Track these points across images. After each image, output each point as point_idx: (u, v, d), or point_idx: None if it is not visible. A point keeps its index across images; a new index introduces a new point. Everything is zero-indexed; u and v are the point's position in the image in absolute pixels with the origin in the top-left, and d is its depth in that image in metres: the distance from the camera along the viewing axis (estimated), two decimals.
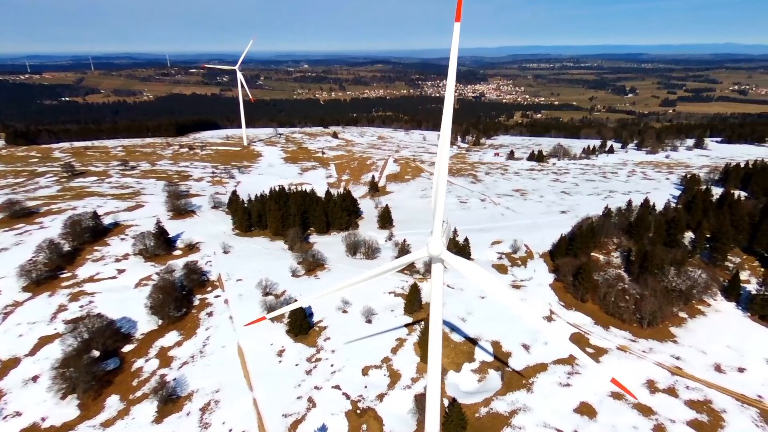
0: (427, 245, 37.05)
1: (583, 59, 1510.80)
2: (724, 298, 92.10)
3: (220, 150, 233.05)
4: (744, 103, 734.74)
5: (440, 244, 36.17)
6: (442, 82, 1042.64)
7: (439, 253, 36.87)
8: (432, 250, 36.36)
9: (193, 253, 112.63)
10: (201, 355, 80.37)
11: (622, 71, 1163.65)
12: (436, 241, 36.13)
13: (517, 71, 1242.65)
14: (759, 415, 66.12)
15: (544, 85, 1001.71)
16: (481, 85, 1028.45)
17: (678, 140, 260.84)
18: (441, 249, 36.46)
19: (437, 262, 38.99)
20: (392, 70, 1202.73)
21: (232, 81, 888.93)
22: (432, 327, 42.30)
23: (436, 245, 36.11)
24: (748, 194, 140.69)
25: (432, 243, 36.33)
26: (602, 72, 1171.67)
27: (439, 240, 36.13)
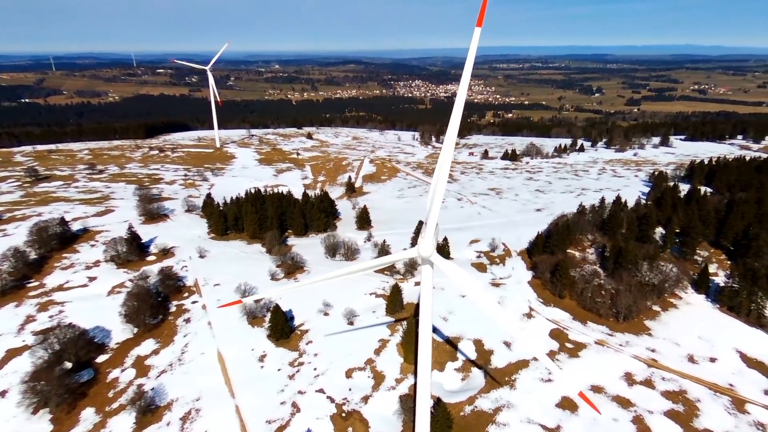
0: (418, 246, 36.94)
1: (551, 60, 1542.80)
2: (694, 291, 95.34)
3: (191, 152, 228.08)
4: (704, 102, 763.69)
5: (431, 246, 36.17)
6: (414, 82, 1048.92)
7: (430, 255, 36.85)
8: (423, 252, 36.33)
9: (167, 259, 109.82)
10: (179, 362, 78.34)
11: (589, 71, 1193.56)
12: (427, 243, 36.12)
13: (488, 71, 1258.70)
14: (731, 402, 68.61)
15: (515, 85, 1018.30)
16: (452, 85, 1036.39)
17: (645, 138, 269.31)
18: (432, 251, 36.47)
19: (426, 263, 38.92)
20: (364, 71, 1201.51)
21: (201, 81, 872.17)
22: (422, 327, 42.28)
23: (427, 247, 36.09)
24: (713, 190, 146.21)
25: (423, 244, 36.28)
26: (570, 72, 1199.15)
27: (430, 242, 36.14)
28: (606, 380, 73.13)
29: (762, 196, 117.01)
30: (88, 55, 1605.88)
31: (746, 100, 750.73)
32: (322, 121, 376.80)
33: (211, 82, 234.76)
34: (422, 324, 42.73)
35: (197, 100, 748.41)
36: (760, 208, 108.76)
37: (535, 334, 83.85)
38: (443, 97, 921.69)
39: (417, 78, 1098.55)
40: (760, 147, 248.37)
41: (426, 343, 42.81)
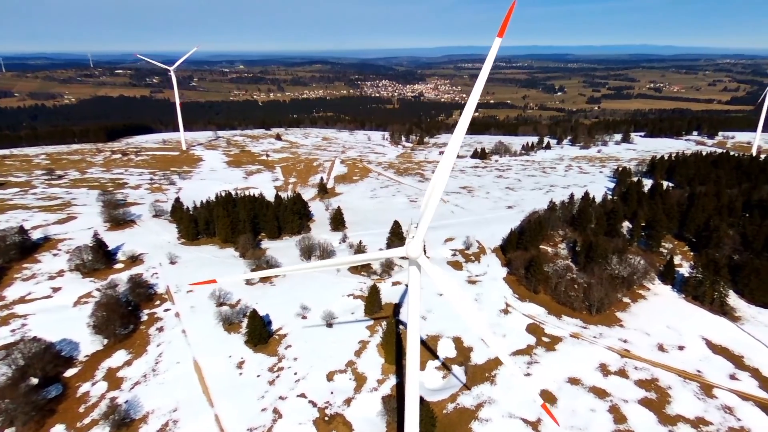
0: (406, 246, 36.91)
1: (515, 59, 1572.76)
2: (661, 282, 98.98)
3: (157, 155, 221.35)
4: (659, 99, 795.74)
5: (420, 248, 36.22)
6: (381, 82, 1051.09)
7: (418, 256, 36.89)
8: (411, 252, 36.31)
9: (136, 266, 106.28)
10: (154, 373, 75.90)
11: (551, 71, 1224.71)
12: (416, 245, 36.13)
13: (454, 71, 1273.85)
14: (700, 388, 71.54)
15: None
16: (419, 85, 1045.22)
17: (607, 135, 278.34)
18: (420, 252, 36.52)
19: (414, 264, 38.91)
20: (331, 71, 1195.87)
21: (163, 82, 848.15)
22: (410, 328, 42.25)
23: (416, 248, 36.09)
24: (673, 184, 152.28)
25: (413, 245, 36.27)
26: (533, 72, 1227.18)
27: (420, 244, 36.18)
28: (582, 372, 75.02)
29: (720, 189, 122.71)
30: (40, 56, 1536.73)
31: (698, 98, 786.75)
32: (291, 122, 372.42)
33: (174, 83, 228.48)
34: (410, 325, 42.72)
35: (159, 101, 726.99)
36: (719, 200, 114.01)
37: (513, 329, 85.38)
38: (410, 97, 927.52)
39: (384, 78, 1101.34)
40: (714, 142, 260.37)
41: (414, 343, 42.83)
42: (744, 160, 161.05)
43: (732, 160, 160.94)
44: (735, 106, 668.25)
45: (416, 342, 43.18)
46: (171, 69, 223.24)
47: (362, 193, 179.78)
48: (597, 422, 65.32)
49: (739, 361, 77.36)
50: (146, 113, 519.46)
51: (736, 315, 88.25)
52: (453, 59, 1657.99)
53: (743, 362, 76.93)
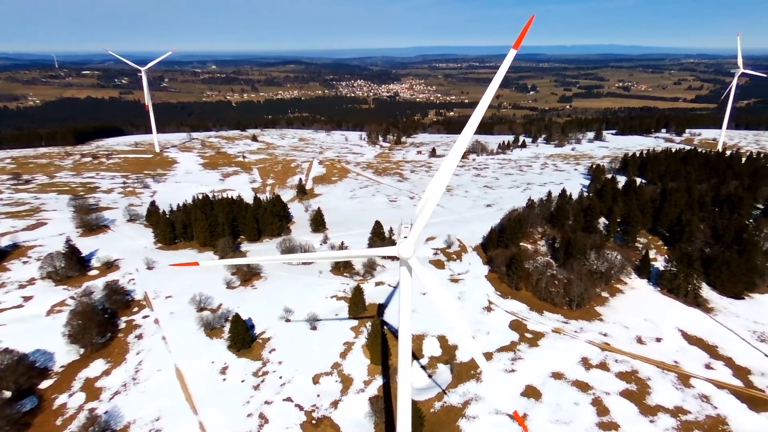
0: (398, 246, 36.87)
1: (488, 59, 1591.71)
2: (637, 276, 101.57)
3: (129, 158, 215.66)
4: (628, 98, 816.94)
5: (412, 249, 36.24)
6: (356, 82, 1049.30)
7: (409, 257, 36.89)
8: (404, 253, 36.26)
9: (112, 272, 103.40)
10: (134, 382, 73.94)
11: (523, 70, 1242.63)
12: (409, 245, 36.13)
13: (428, 71, 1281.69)
14: (677, 378, 73.69)
15: (454, 84, 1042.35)
16: (394, 84, 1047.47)
17: (580, 133, 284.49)
18: (412, 253, 36.56)
19: (404, 264, 38.88)
20: (305, 71, 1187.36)
21: (132, 83, 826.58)
22: (401, 328, 42.24)
23: (408, 249, 36.07)
24: (646, 180, 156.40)
25: (405, 246, 36.22)
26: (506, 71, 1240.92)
27: (412, 244, 36.20)
28: (565, 366, 76.36)
29: (690, 185, 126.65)
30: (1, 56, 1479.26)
31: (665, 96, 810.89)
32: (266, 123, 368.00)
33: (145, 84, 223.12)
34: (402, 325, 42.70)
35: (129, 103, 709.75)
36: (690, 196, 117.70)
37: (496, 326, 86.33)
38: (386, 97, 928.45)
39: (359, 78, 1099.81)
40: (682, 139, 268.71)
41: (406, 343, 42.83)
42: (711, 156, 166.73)
43: (700, 157, 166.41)
44: (699, 104, 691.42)
45: (408, 342, 43.21)
46: (143, 70, 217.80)
47: (341, 193, 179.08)
48: (581, 415, 66.57)
49: (714, 350, 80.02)
50: (116, 115, 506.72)
51: (709, 306, 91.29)
52: (427, 59, 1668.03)
53: (717, 352, 79.61)
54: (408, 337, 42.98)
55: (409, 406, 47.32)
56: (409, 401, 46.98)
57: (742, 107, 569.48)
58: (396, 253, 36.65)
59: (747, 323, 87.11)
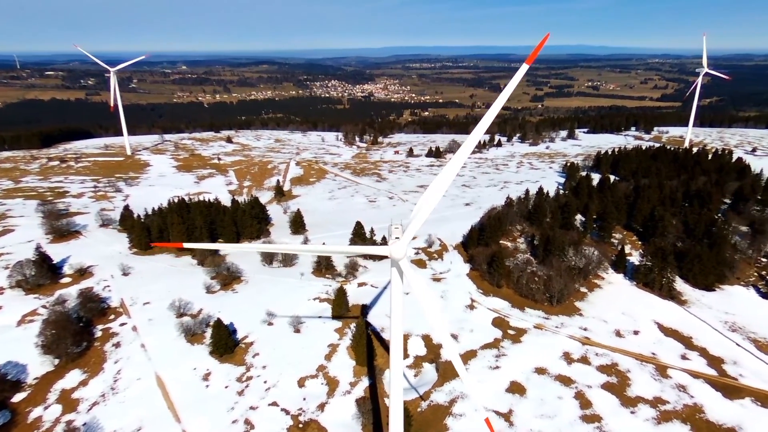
0: (391, 247, 36.85)
1: (461, 59, 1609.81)
2: (614, 271, 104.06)
3: (99, 161, 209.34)
4: (597, 97, 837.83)
5: (405, 250, 36.31)
6: (330, 82, 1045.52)
7: (401, 258, 36.93)
8: (396, 254, 36.23)
9: (85, 279, 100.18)
10: (113, 392, 71.77)
11: (496, 70, 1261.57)
12: (402, 246, 36.14)
13: (402, 71, 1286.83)
14: (655, 370, 75.81)
15: (428, 84, 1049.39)
16: (369, 84, 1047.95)
17: (554, 132, 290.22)
18: (404, 254, 36.61)
19: (395, 265, 38.87)
20: (279, 71, 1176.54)
21: (99, 84, 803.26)
22: (393, 329, 42.24)
23: (401, 250, 36.09)
24: (618, 177, 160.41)
25: (398, 246, 36.20)
26: (478, 71, 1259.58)
27: (405, 245, 36.25)
28: (548, 361, 77.68)
29: (661, 181, 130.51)
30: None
31: (632, 95, 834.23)
32: (241, 124, 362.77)
33: (114, 85, 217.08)
34: (393, 326, 42.72)
35: (96, 104, 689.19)
36: (662, 192, 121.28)
37: (479, 324, 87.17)
38: (360, 97, 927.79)
39: (333, 78, 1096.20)
40: (651, 137, 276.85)
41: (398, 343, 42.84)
42: (680, 153, 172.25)
43: (669, 154, 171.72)
44: (665, 103, 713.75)
45: (399, 342, 43.21)
46: (112, 70, 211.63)
47: (320, 194, 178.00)
48: (565, 409, 67.79)
49: (689, 341, 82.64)
50: (83, 117, 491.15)
51: (683, 299, 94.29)
52: (401, 59, 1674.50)
53: (692, 343, 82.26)
54: (400, 337, 43.04)
55: (401, 407, 47.33)
56: (401, 402, 47.00)
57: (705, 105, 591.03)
58: (388, 253, 36.60)
59: (719, 314, 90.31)
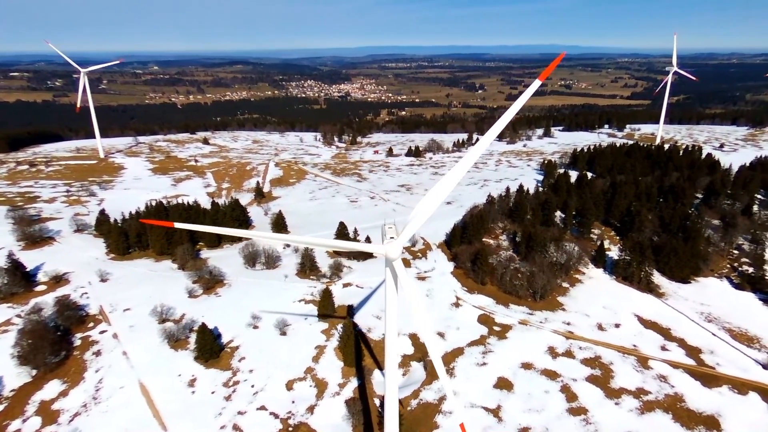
0: (386, 246, 36.90)
1: (436, 59, 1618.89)
2: (593, 265, 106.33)
3: (71, 165, 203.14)
4: (570, 96, 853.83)
5: (400, 250, 36.42)
6: (306, 82, 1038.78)
7: (396, 258, 37.05)
8: (392, 254, 36.28)
9: (62, 286, 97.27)
10: (95, 401, 69.87)
11: (471, 69, 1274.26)
12: (398, 247, 36.23)
13: (378, 71, 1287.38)
14: (637, 361, 77.84)
15: (405, 84, 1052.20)
16: (345, 84, 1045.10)
17: (530, 130, 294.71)
18: (399, 254, 36.73)
19: (389, 265, 38.92)
20: (254, 71, 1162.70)
21: (67, 85, 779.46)
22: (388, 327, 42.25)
23: (396, 250, 36.17)
24: (594, 174, 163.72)
25: (394, 246, 36.26)
26: (454, 71, 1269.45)
27: (401, 246, 36.34)
28: (533, 356, 78.93)
29: (636, 178, 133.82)
30: None
31: (603, 94, 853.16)
32: (217, 125, 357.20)
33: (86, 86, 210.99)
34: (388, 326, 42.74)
35: (64, 106, 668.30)
36: (638, 188, 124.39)
37: (465, 321, 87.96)
38: (337, 97, 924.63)
39: (309, 78, 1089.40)
40: (624, 134, 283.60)
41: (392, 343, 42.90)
42: (653, 150, 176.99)
43: (642, 151, 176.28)
44: (635, 101, 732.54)
45: (394, 342, 43.31)
46: (83, 71, 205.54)
47: (301, 195, 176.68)
48: (551, 403, 69.02)
49: (667, 333, 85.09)
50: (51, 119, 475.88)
51: (660, 291, 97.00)
52: (377, 59, 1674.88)
53: (671, 334, 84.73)
54: (394, 335, 43.08)
55: (395, 405, 47.42)
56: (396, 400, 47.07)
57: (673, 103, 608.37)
58: (383, 252, 36.63)
59: (695, 305, 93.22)
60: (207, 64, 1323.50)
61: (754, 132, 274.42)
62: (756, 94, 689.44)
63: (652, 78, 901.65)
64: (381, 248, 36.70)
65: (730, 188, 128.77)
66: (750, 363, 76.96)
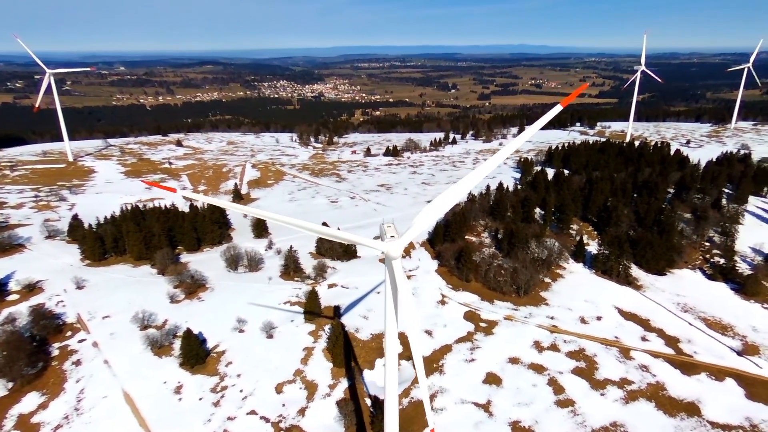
0: (388, 243, 36.96)
1: (409, 59, 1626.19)
2: (573, 260, 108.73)
3: (38, 169, 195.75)
4: (541, 95, 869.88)
5: (402, 249, 36.54)
6: (279, 82, 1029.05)
7: (397, 257, 37.17)
8: (393, 252, 36.38)
9: (35, 295, 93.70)
10: (77, 413, 67.65)
11: (443, 69, 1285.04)
12: (400, 246, 36.35)
13: (351, 71, 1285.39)
14: (619, 352, 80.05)
15: (378, 84, 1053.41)
16: (318, 85, 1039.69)
17: (505, 129, 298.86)
18: (400, 253, 36.87)
19: (388, 264, 38.99)
20: (224, 72, 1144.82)
21: (28, 87, 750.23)
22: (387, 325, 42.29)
23: (398, 249, 36.30)
24: (570, 171, 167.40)
25: (394, 246, 36.38)
26: (426, 70, 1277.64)
27: (403, 245, 36.49)
28: (520, 351, 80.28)
29: (611, 174, 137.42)
30: None
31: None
32: (190, 127, 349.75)
33: (54, 88, 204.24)
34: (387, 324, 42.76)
35: (26, 108, 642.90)
36: (613, 184, 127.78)
37: (452, 318, 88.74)
38: (311, 97, 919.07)
39: (281, 78, 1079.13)
40: (595, 132, 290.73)
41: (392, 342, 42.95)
42: (624, 147, 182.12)
43: (615, 147, 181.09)
44: (603, 99, 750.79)
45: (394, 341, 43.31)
46: (49, 71, 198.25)
47: (280, 196, 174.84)
48: (540, 396, 70.38)
49: (647, 324, 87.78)
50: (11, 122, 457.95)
51: (638, 284, 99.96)
52: (349, 59, 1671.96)
53: (650, 325, 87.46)
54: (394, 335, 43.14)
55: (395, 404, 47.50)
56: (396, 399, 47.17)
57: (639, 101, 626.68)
58: (384, 250, 36.71)
59: (671, 296, 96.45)
60: (176, 64, 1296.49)
61: (717, 128, 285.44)
62: (716, 92, 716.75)
63: (618, 77, 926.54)
64: (383, 246, 36.78)
65: (700, 183, 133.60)
66: (725, 350, 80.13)
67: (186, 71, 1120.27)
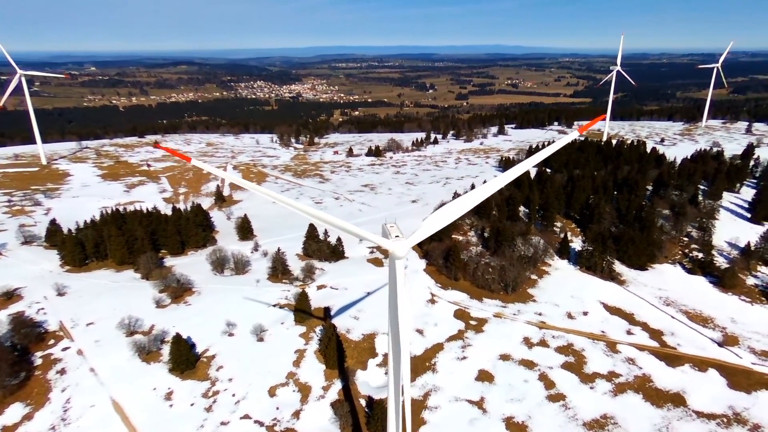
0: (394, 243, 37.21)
1: (386, 59, 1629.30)
2: (558, 257, 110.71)
3: (9, 173, 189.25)
4: (517, 94, 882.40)
5: (407, 250, 36.84)
6: (256, 83, 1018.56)
7: (402, 257, 37.40)
8: (398, 252, 36.60)
9: (14, 303, 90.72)
10: (65, 423, 65.87)
11: (420, 69, 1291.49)
12: (405, 246, 36.61)
13: (329, 71, 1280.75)
14: (606, 346, 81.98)
15: (356, 84, 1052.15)
16: (296, 85, 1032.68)
17: (485, 128, 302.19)
18: (406, 253, 37.16)
19: (392, 263, 39.15)
20: (200, 72, 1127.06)
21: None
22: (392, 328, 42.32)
23: (403, 249, 36.54)
24: (551, 169, 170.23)
25: (400, 245, 36.65)
26: (404, 71, 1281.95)
27: (410, 245, 36.74)
28: (510, 348, 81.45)
29: (592, 172, 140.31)
30: None
31: (548, 92, 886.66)
32: (167, 128, 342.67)
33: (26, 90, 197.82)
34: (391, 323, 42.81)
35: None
36: (594, 181, 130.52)
37: (442, 317, 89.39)
38: (288, 98, 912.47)
39: (258, 79, 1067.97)
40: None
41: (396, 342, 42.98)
42: (602, 145, 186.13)
43: (594, 146, 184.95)
44: (578, 99, 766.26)
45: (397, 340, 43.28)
46: (20, 72, 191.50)
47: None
48: (531, 391, 71.65)
49: (631, 318, 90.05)
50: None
51: (622, 279, 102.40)
52: (326, 59, 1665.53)
53: (635, 318, 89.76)
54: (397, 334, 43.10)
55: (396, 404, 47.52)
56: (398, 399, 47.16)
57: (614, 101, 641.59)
58: (391, 248, 36.97)
59: (653, 291, 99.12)
60: (149, 64, 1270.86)
61: (689, 127, 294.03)
62: (685, 91, 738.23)
63: (592, 77, 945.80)
64: (389, 244, 36.99)
65: (676, 180, 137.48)
66: (707, 342, 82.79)
67: (160, 71, 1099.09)
